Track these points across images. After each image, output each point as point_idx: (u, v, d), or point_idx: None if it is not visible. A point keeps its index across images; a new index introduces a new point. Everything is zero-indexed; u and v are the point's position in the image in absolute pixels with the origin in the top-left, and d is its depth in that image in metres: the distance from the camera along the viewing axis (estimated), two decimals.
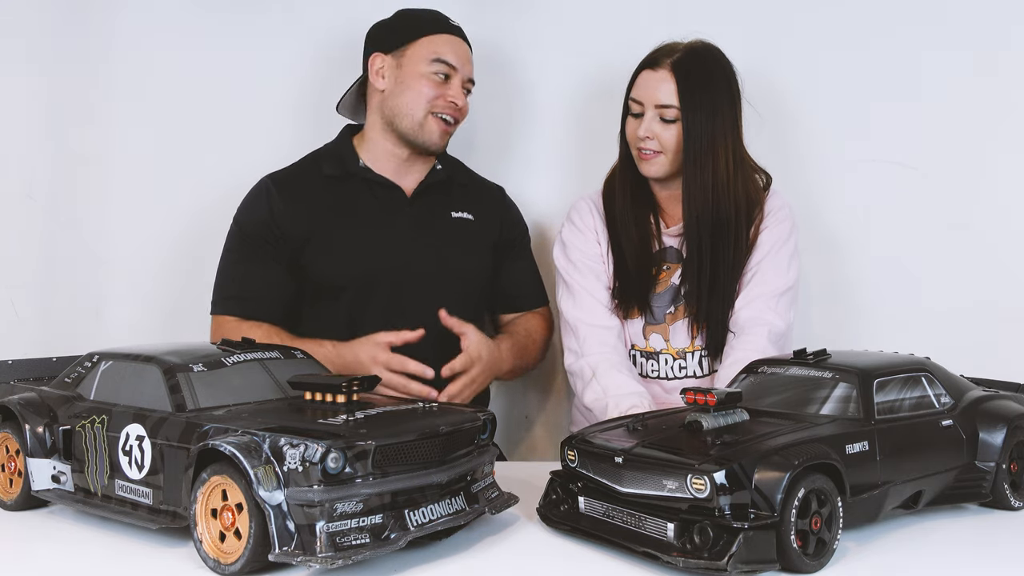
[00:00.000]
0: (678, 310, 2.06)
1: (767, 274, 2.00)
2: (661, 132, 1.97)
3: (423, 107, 2.12)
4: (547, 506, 1.48)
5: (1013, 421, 1.55)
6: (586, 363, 2.02)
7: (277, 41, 2.50)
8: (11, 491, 1.57)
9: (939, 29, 2.37)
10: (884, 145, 2.40)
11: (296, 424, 1.32)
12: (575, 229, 2.14)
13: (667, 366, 2.08)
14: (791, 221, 2.07)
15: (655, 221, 2.10)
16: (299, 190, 2.15)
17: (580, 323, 2.06)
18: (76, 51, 2.45)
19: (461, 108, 2.16)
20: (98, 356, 1.57)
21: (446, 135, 2.17)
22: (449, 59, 2.13)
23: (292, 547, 1.21)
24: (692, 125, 1.95)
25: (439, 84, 2.12)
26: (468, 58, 2.18)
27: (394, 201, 2.17)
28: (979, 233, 2.37)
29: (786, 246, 2.03)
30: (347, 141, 2.23)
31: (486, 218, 2.25)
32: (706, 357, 2.06)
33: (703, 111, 1.96)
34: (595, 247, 2.12)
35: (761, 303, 1.97)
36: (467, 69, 2.17)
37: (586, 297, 2.08)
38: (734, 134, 2.00)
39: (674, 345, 2.07)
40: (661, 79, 1.97)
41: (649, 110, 1.98)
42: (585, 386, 2.00)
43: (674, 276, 2.07)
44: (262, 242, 2.12)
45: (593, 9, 2.47)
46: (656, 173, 2.02)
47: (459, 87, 2.15)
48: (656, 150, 1.99)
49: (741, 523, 1.21)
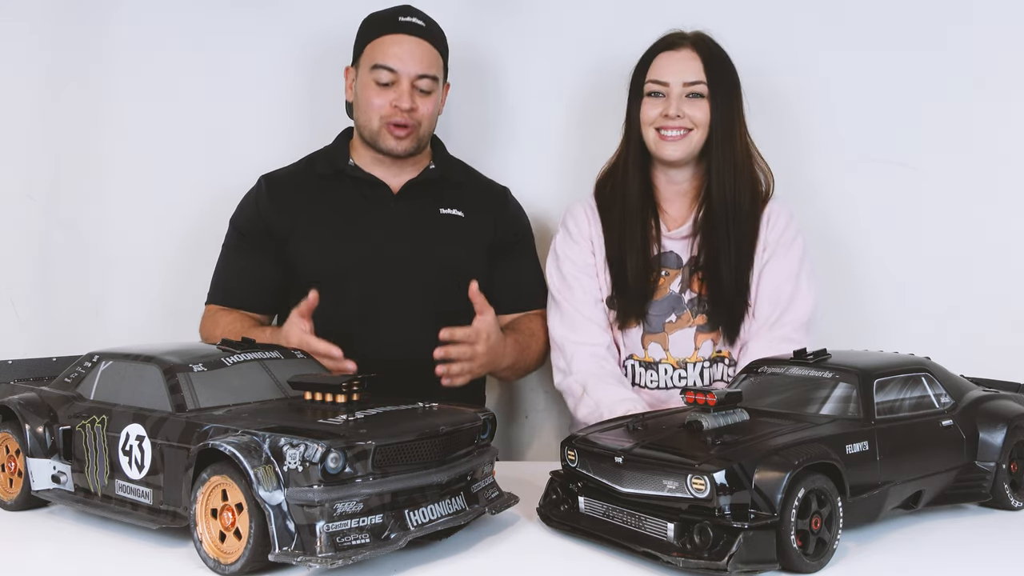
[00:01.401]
0: (680, 319, 2.04)
1: (788, 307, 1.98)
2: (691, 110, 1.98)
3: (374, 118, 2.11)
4: (547, 506, 1.48)
5: (1013, 421, 1.55)
6: (574, 380, 2.01)
7: (277, 42, 2.50)
8: (11, 491, 1.57)
9: (940, 29, 2.37)
10: (884, 145, 2.40)
11: (296, 424, 1.32)
12: (569, 239, 2.12)
13: (666, 376, 2.05)
14: (802, 238, 2.04)
15: (655, 224, 2.07)
16: (288, 188, 2.19)
17: (567, 341, 2.05)
18: (76, 52, 2.45)
19: (412, 110, 2.09)
20: (98, 356, 1.57)
21: (402, 139, 2.11)
22: (389, 63, 2.08)
23: (292, 547, 1.21)
24: (721, 100, 1.98)
25: (383, 92, 2.09)
26: (415, 55, 2.10)
27: (380, 198, 2.18)
28: (979, 233, 2.37)
29: (803, 269, 2.02)
30: (343, 142, 2.25)
31: (479, 216, 2.23)
32: (708, 368, 2.04)
33: (725, 88, 1.99)
34: (589, 258, 2.09)
35: (785, 343, 1.86)
36: (413, 67, 2.09)
37: (575, 315, 2.06)
38: (743, 119, 2.03)
39: (674, 355, 2.05)
40: (685, 58, 1.99)
41: (676, 88, 1.98)
42: (577, 403, 2.00)
43: (673, 283, 2.04)
44: (251, 237, 2.18)
45: (591, 5, 2.47)
46: (682, 154, 2.00)
47: (406, 89, 2.09)
48: (687, 127, 1.99)
49: (741, 523, 1.22)
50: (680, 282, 2.04)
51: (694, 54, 1.99)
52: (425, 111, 2.13)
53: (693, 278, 2.03)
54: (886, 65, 2.39)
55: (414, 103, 2.10)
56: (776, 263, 2.01)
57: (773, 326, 1.97)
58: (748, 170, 2.02)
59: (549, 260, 2.15)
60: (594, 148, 2.18)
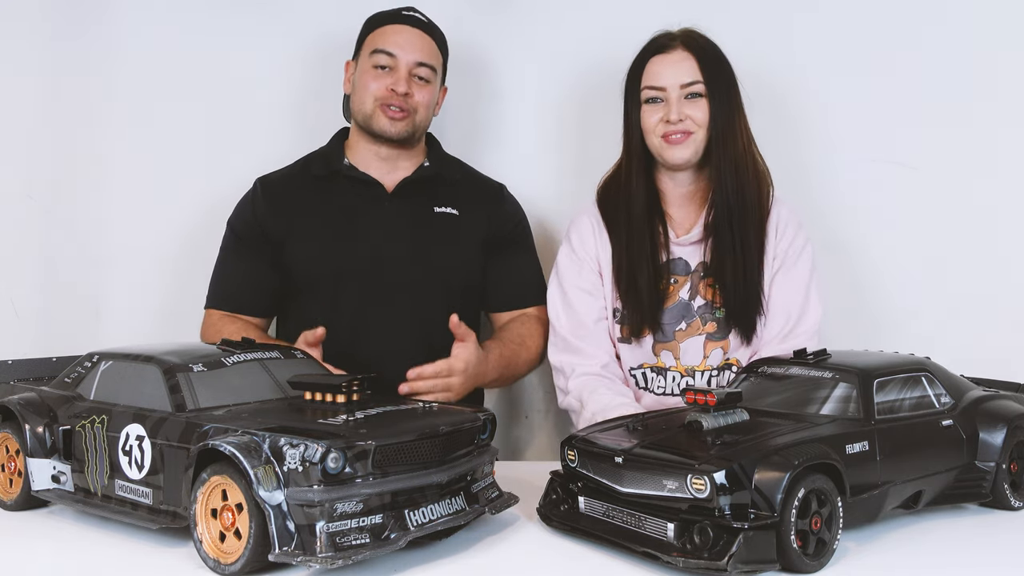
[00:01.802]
0: (690, 326, 2.02)
1: (800, 318, 1.97)
2: (691, 111, 1.97)
3: (369, 101, 2.12)
4: (547, 506, 1.48)
5: (1013, 421, 1.55)
6: (573, 397, 2.02)
7: (276, 42, 2.50)
8: (11, 491, 1.57)
9: (940, 29, 2.37)
10: (884, 145, 2.40)
11: (296, 424, 1.32)
12: (573, 256, 2.09)
13: (674, 383, 2.03)
14: (810, 247, 2.04)
15: (663, 231, 2.05)
16: (283, 190, 2.19)
17: (566, 365, 2.05)
18: (76, 52, 2.45)
19: (408, 95, 2.12)
20: (98, 356, 1.57)
21: (396, 120, 2.12)
22: (388, 48, 2.11)
23: (292, 547, 1.21)
24: (720, 97, 1.96)
25: (381, 76, 2.12)
26: (415, 43, 2.13)
27: (374, 197, 2.18)
28: (979, 233, 2.36)
29: (812, 280, 2.01)
30: (338, 143, 2.26)
31: (473, 213, 2.22)
32: (715, 376, 2.02)
33: (722, 86, 1.97)
34: (593, 276, 2.07)
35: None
36: (411, 55, 2.12)
37: (573, 341, 2.04)
38: (744, 116, 2.01)
39: (684, 363, 2.03)
40: (679, 59, 1.98)
41: (673, 92, 1.97)
42: (578, 417, 2.00)
43: (682, 290, 2.02)
44: (248, 241, 2.18)
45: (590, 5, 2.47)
46: (688, 157, 1.98)
47: (404, 75, 2.11)
48: (689, 131, 1.97)
49: (741, 523, 1.21)
50: (689, 289, 2.02)
51: (687, 54, 1.97)
52: (421, 99, 2.14)
53: (702, 284, 2.01)
54: (886, 65, 2.38)
55: (410, 89, 2.12)
56: (786, 275, 2.00)
57: (785, 338, 1.96)
58: (751, 166, 2.00)
59: (552, 276, 2.13)
60: (594, 149, 2.18)
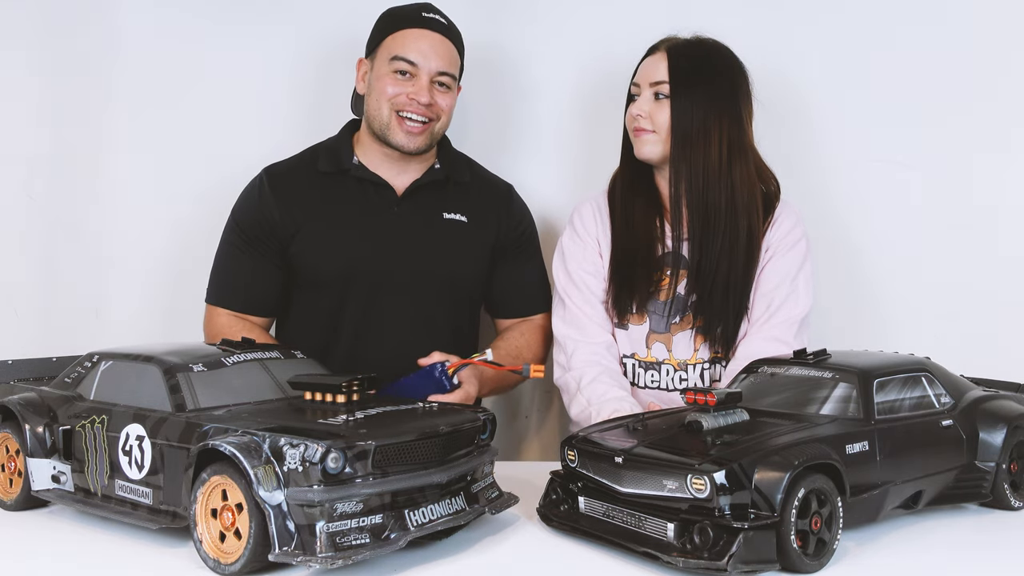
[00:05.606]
0: (683, 320, 2.03)
1: (782, 306, 1.98)
2: (654, 110, 1.98)
3: (386, 107, 2.07)
4: (547, 506, 1.48)
5: (1013, 421, 1.55)
6: (571, 376, 2.02)
7: (275, 40, 2.50)
8: (11, 491, 1.57)
9: (941, 29, 2.37)
10: (885, 145, 2.40)
11: (296, 424, 1.32)
12: (576, 238, 2.13)
13: (667, 377, 2.05)
14: (805, 241, 2.04)
15: (660, 224, 2.07)
16: (291, 185, 2.15)
17: (568, 339, 2.06)
18: (76, 51, 2.45)
19: (430, 105, 2.07)
20: (98, 356, 1.57)
21: (415, 135, 2.08)
22: (409, 56, 2.06)
23: (292, 547, 1.21)
24: (681, 102, 1.96)
25: (401, 82, 2.06)
26: (438, 51, 2.08)
27: (383, 200, 2.15)
28: (979, 233, 2.37)
29: (802, 272, 2.01)
30: (347, 138, 2.21)
31: (482, 219, 2.21)
32: (707, 369, 2.04)
33: (695, 92, 1.96)
34: (595, 258, 2.10)
35: (773, 343, 1.93)
36: (434, 63, 2.07)
37: (579, 315, 2.06)
38: (734, 125, 1.97)
39: (676, 356, 2.05)
40: (658, 60, 2.00)
41: (645, 89, 2.00)
42: (571, 399, 2.01)
43: (679, 285, 2.03)
44: (253, 236, 2.13)
45: (601, 6, 2.47)
46: (649, 154, 2.01)
47: (425, 83, 2.06)
48: (649, 128, 1.99)
49: (741, 523, 1.21)
50: (685, 284, 2.04)
51: (664, 56, 1.99)
52: (444, 105, 2.11)
53: (693, 280, 2.03)
54: (887, 65, 2.38)
55: (432, 98, 2.08)
56: (775, 263, 2.01)
57: (764, 325, 1.97)
58: (725, 176, 1.95)
59: (556, 257, 2.15)
60: (604, 149, 2.18)
